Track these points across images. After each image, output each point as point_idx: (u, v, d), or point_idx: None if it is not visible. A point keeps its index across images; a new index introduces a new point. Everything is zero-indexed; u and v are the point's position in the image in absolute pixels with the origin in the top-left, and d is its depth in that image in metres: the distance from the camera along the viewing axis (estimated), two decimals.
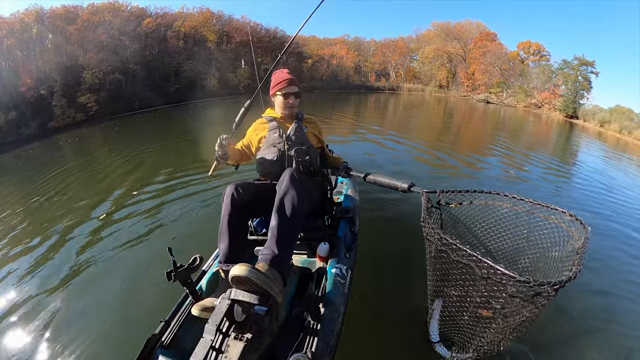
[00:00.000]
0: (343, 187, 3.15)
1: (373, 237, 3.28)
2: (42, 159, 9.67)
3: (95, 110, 18.25)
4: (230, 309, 1.37)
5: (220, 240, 1.79)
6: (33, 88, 16.67)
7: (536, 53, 34.17)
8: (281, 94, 2.20)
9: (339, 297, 1.76)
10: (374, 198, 4.37)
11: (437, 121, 16.02)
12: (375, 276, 2.79)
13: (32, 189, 6.21)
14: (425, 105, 24.69)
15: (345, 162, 2.40)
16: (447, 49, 37.17)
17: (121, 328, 2.43)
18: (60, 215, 4.69)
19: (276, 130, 2.19)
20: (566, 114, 26.74)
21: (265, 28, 31.58)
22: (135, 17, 24.07)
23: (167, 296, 2.09)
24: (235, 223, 1.81)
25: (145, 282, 2.94)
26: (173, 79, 24.11)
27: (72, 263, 3.40)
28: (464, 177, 6.06)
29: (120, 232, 3.95)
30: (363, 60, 39.33)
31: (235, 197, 1.82)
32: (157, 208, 4.55)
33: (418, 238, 3.20)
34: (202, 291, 1.90)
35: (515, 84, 32.14)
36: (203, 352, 1.31)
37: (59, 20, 21.04)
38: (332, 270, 1.89)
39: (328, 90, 31.10)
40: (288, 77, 2.21)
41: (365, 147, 7.94)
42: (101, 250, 3.59)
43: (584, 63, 28.68)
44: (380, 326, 2.31)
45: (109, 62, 20.47)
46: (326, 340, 1.52)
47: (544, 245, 1.55)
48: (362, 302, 2.34)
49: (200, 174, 5.80)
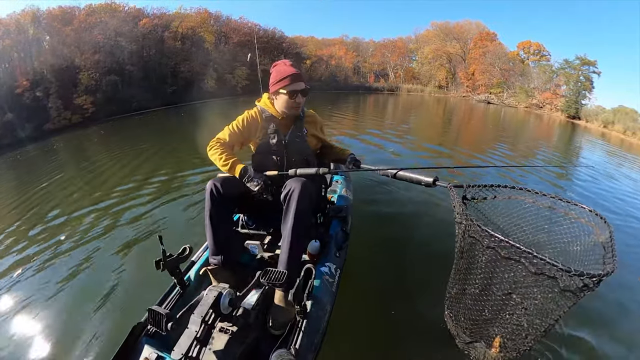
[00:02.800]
0: (337, 186, 3.12)
1: (366, 236, 3.27)
2: (37, 161, 9.72)
3: (91, 112, 18.07)
4: (216, 301, 1.38)
5: (206, 233, 1.86)
6: (29, 90, 16.55)
7: (536, 53, 34.14)
8: (286, 92, 1.95)
9: (327, 296, 1.79)
10: (370, 199, 4.25)
11: (437, 122, 15.89)
12: (366, 276, 2.79)
13: (27, 187, 6.25)
14: (425, 106, 24.58)
15: (352, 153, 2.20)
16: (447, 49, 37.12)
17: (107, 315, 2.45)
18: (53, 208, 4.81)
19: (274, 136, 2.03)
20: (568, 114, 26.49)
21: (263, 28, 31.60)
22: (132, 17, 23.94)
23: (155, 286, 2.09)
24: (217, 217, 1.85)
25: (133, 271, 2.97)
26: (170, 80, 23.88)
27: (62, 252, 3.47)
28: (466, 178, 5.84)
29: (110, 224, 4.03)
30: (362, 61, 39.33)
31: (214, 193, 1.82)
32: (149, 202, 4.61)
33: (410, 237, 3.31)
34: (190, 281, 1.91)
35: (516, 84, 31.98)
36: (187, 343, 1.31)
37: (56, 21, 20.96)
38: (321, 269, 1.91)
39: (327, 91, 30.93)
40: (293, 72, 1.95)
41: (366, 148, 7.81)
42: (91, 240, 3.64)
43: (586, 63, 28.54)
44: (367, 326, 2.30)
45: (105, 64, 20.32)
46: (311, 338, 1.52)
47: (564, 239, 1.56)
48: (351, 302, 2.29)
49: (190, 169, 5.97)
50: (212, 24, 28.51)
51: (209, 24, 28.21)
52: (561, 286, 1.21)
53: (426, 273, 2.70)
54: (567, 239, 1.55)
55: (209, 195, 1.83)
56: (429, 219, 3.80)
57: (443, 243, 2.79)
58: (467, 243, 1.52)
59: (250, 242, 2.12)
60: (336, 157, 2.28)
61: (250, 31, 29.07)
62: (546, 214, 1.61)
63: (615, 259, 1.22)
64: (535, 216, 1.67)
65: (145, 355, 1.46)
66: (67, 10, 22.03)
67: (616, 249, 1.28)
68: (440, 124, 15.09)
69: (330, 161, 2.37)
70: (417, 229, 3.60)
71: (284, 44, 32.59)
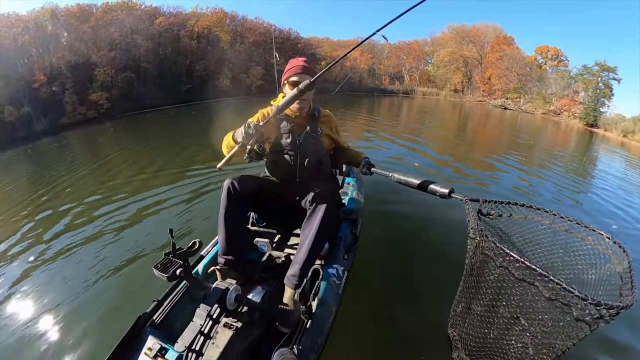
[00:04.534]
0: (349, 189, 3.09)
1: (375, 239, 3.24)
2: (51, 154, 10.08)
3: (106, 107, 18.37)
4: (223, 296, 1.41)
5: (218, 231, 1.83)
6: (46, 84, 16.97)
7: (554, 58, 33.51)
8: (288, 82, 1.92)
9: (333, 297, 1.78)
10: (382, 201, 4.17)
11: (453, 127, 15.53)
12: (373, 279, 2.78)
13: (42, 180, 6.40)
14: (440, 110, 24.20)
15: (367, 157, 2.16)
16: (463, 52, 36.76)
17: (114, 305, 2.52)
18: (65, 200, 4.92)
19: (289, 136, 1.98)
20: (586, 122, 25.65)
21: (278, 29, 31.75)
22: (148, 15, 24.35)
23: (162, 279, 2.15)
24: (232, 216, 1.82)
25: (142, 263, 3.02)
26: (185, 78, 24.15)
27: (73, 243, 3.55)
28: (481, 186, 5.60)
29: (122, 216, 4.12)
30: (377, 63, 39.20)
31: (231, 191, 1.80)
32: (161, 194, 4.72)
33: (420, 243, 3.27)
34: (198, 275, 1.93)
35: (534, 90, 31.42)
36: (191, 336, 1.34)
37: (74, 18, 21.46)
38: (328, 270, 1.89)
39: (341, 93, 30.81)
40: (301, 64, 1.89)
41: (380, 153, 7.52)
42: (102, 232, 3.74)
43: (606, 69, 27.73)
44: (371, 330, 2.29)
45: (121, 60, 20.60)
46: (314, 338, 1.52)
47: (579, 266, 1.46)
48: (356, 305, 2.30)
49: (202, 167, 6.01)
50: (228, 24, 28.79)
51: (225, 24, 28.49)
52: (575, 315, 1.13)
53: (433, 281, 2.71)
54: (582, 266, 1.46)
55: (226, 193, 1.81)
56: (439, 227, 3.67)
57: (452, 253, 2.81)
58: (479, 260, 1.44)
59: (259, 239, 2.16)
60: (350, 160, 2.24)
61: (266, 31, 29.35)
62: (562, 237, 1.52)
63: (635, 292, 1.15)
64: (551, 238, 1.56)
65: (149, 345, 1.46)
66: (84, 7, 22.57)
67: (636, 281, 1.20)
68: (455, 129, 14.74)
69: (344, 163, 2.39)
70: (427, 236, 3.54)
71: (299, 45, 32.75)
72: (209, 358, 1.36)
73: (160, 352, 1.43)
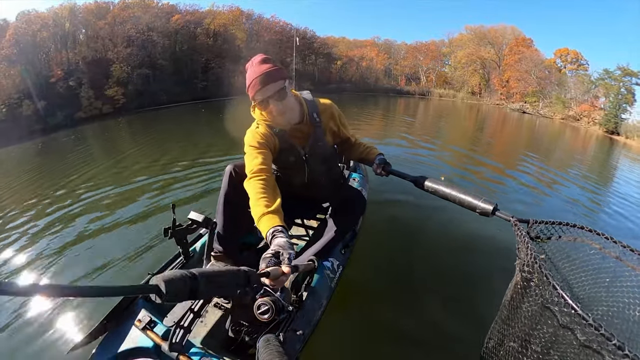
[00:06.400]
0: (354, 184, 2.97)
1: (374, 237, 3.12)
2: (67, 147, 10.36)
3: (122, 103, 18.62)
4: None
5: (217, 216, 1.80)
6: (63, 79, 17.21)
7: (574, 61, 32.77)
8: (256, 104, 1.57)
9: (324, 290, 1.79)
10: (387, 199, 3.92)
11: (471, 131, 15.16)
12: (369, 279, 2.67)
13: (55, 172, 6.62)
14: (457, 113, 23.72)
15: (380, 153, 1.92)
16: (481, 54, 36.17)
17: (110, 277, 2.61)
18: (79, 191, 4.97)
19: (292, 152, 1.74)
20: (606, 129, 24.77)
21: (295, 28, 31.62)
22: (164, 13, 24.64)
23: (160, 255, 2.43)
24: (232, 201, 1.77)
25: (140, 241, 3.09)
26: (201, 75, 24.32)
27: (87, 230, 3.59)
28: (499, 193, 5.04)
29: (124, 201, 4.28)
30: (393, 63, 38.94)
31: (233, 176, 1.75)
32: (165, 181, 4.91)
33: (419, 250, 3.06)
34: (195, 253, 1.95)
35: (553, 94, 30.72)
36: (181, 313, 1.38)
37: (91, 15, 21.83)
38: (324, 263, 1.89)
39: (356, 92, 30.62)
40: (261, 73, 1.48)
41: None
42: (104, 212, 3.93)
43: (628, 73, 26.86)
44: (358, 325, 2.22)
45: (137, 57, 20.86)
46: (302, 328, 1.52)
47: (624, 300, 1.29)
48: (346, 300, 2.27)
49: (208, 158, 6.16)
50: (244, 22, 28.92)
51: (241, 22, 28.65)
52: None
53: (428, 284, 2.60)
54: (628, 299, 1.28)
55: (228, 178, 1.77)
56: (439, 228, 3.47)
57: (449, 257, 2.84)
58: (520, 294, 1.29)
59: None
60: (361, 157, 1.98)
61: (282, 30, 29.24)
62: (611, 265, 1.35)
63: None
64: (598, 265, 1.39)
65: (139, 317, 1.49)
66: (102, 5, 22.94)
67: None
68: (474, 134, 14.39)
69: (353, 160, 2.26)
70: (425, 238, 3.32)
71: (315, 44, 32.74)
72: (195, 335, 1.42)
73: (149, 324, 1.44)
